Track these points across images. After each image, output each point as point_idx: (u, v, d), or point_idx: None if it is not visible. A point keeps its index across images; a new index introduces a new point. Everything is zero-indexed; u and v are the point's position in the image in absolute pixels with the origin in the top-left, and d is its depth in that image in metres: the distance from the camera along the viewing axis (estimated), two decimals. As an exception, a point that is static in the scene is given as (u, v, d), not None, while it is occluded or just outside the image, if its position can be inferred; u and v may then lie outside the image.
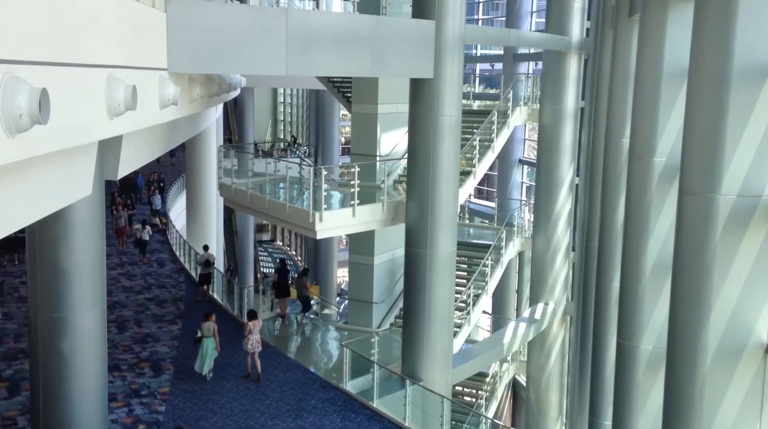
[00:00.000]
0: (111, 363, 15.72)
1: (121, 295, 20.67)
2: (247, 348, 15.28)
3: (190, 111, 13.82)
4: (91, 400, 10.96)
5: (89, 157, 10.02)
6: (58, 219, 10.38)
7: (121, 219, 26.02)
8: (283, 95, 54.96)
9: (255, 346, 15.21)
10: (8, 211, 7.92)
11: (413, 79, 15.54)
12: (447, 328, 15.95)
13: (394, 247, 19.46)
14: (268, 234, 58.79)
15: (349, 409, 14.31)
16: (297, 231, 24.38)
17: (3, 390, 14.36)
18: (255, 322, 15.35)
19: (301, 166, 19.30)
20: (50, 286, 10.54)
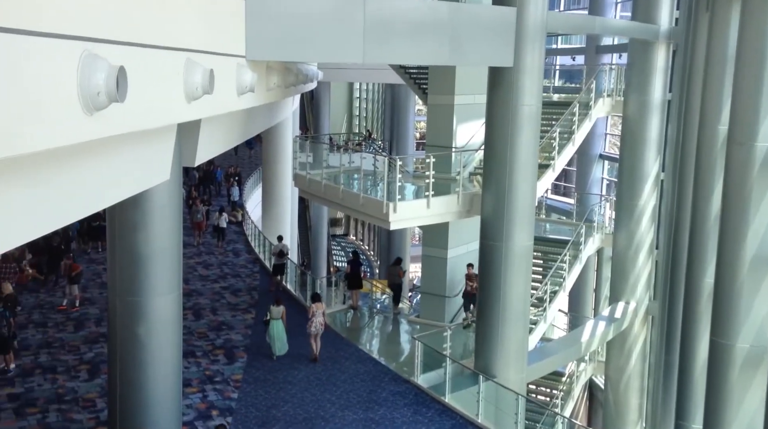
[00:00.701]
0: (186, 349, 15.97)
1: (197, 284, 21.01)
2: (310, 330, 15.68)
3: (267, 100, 13.83)
4: (166, 384, 11.05)
5: (167, 142, 10.09)
6: (137, 205, 10.51)
7: (198, 213, 25.48)
8: (359, 90, 55.15)
9: (318, 328, 15.63)
10: (88, 192, 8.01)
11: (492, 68, 15.16)
12: (522, 324, 15.52)
13: (468, 241, 19.10)
14: (341, 228, 59.15)
15: (421, 403, 14.08)
16: (370, 221, 24.29)
17: (84, 372, 14.75)
18: (318, 305, 15.77)
19: (375, 159, 19.18)
20: (128, 270, 10.66)
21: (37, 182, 6.65)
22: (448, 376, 14.31)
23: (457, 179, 16.99)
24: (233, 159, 41.83)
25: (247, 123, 15.79)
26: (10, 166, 6.08)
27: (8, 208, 6.27)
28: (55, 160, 6.86)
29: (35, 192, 6.64)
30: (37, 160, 6.51)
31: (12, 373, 14.42)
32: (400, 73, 21.58)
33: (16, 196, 6.33)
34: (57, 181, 7.07)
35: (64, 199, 7.35)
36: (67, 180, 7.30)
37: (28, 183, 6.49)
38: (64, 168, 7.14)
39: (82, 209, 8.17)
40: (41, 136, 5.26)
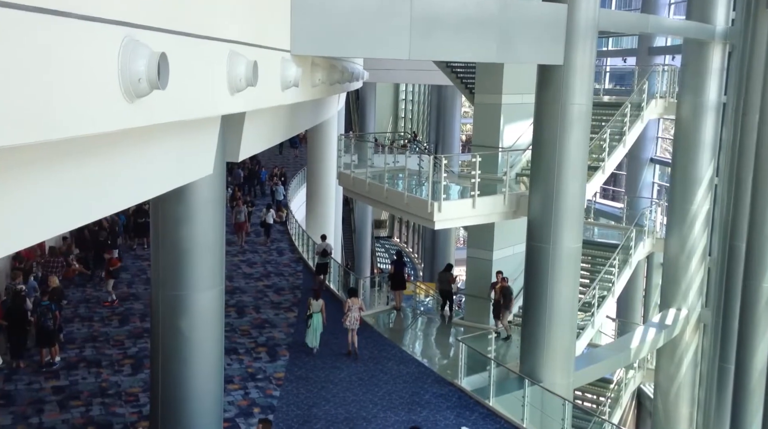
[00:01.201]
0: (229, 346, 16.00)
1: (241, 281, 21.06)
2: (346, 324, 15.78)
3: (312, 96, 13.75)
4: (207, 379, 10.99)
5: (211, 135, 10.04)
6: (180, 199, 10.49)
7: (241, 214, 24.86)
8: (404, 92, 54.98)
9: (354, 323, 15.70)
10: (131, 183, 7.96)
11: (541, 66, 14.82)
12: (569, 328, 15.12)
13: (514, 243, 18.74)
14: (385, 230, 59.03)
15: (464, 406, 13.80)
16: (415, 221, 24.08)
17: (128, 367, 14.84)
18: (354, 300, 15.86)
19: (420, 159, 18.95)
20: (171, 264, 10.64)
21: (79, 170, 6.61)
22: (493, 379, 14.00)
23: (503, 180, 16.67)
24: (279, 159, 42.06)
25: (292, 119, 15.73)
26: (52, 152, 6.04)
27: (50, 196, 6.23)
28: (98, 148, 6.82)
29: (78, 180, 6.59)
30: (80, 148, 6.47)
31: (57, 366, 14.58)
32: (446, 72, 21.33)
33: (58, 183, 6.28)
34: (99, 170, 7.02)
35: (106, 189, 7.31)
36: (110, 169, 7.26)
37: (71, 171, 6.45)
38: (106, 157, 7.09)
39: (125, 200, 8.13)
40: (82, 121, 5.18)
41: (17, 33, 4.20)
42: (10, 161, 5.37)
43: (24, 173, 5.62)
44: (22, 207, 5.73)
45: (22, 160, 5.53)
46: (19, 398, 13.23)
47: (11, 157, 5.36)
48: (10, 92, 4.24)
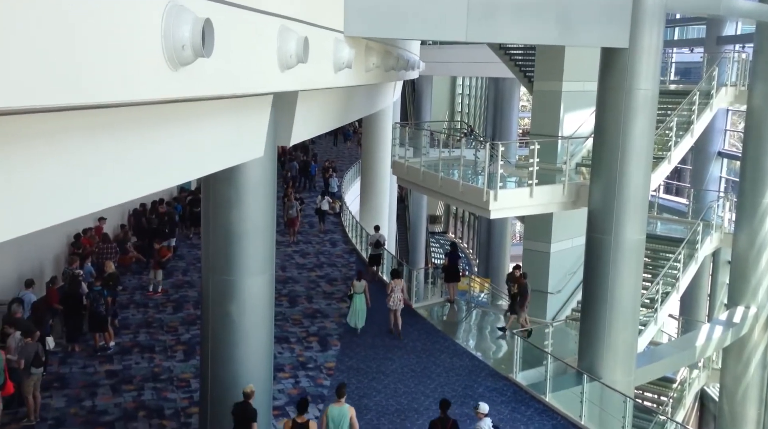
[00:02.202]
0: (281, 335, 15.92)
1: (294, 272, 20.98)
2: (389, 304, 16.11)
3: (366, 80, 13.46)
4: (257, 365, 10.85)
5: (262, 116, 9.84)
6: (231, 182, 10.34)
7: (293, 209, 24.08)
8: (461, 86, 54.35)
9: (397, 303, 16.03)
10: (181, 160, 7.81)
11: (605, 50, 14.22)
12: (631, 324, 14.50)
13: (573, 235, 18.13)
14: (440, 225, 58.53)
15: (519, 401, 13.36)
16: (470, 210, 23.59)
17: (180, 353, 14.85)
18: (397, 281, 16.27)
19: (476, 149, 18.51)
20: (221, 248, 10.52)
21: (126, 144, 6.45)
22: (550, 374, 13.50)
23: (562, 169, 16.10)
24: (333, 151, 42.11)
25: (345, 106, 15.49)
26: (97, 124, 5.88)
27: (95, 169, 6.08)
28: (146, 121, 6.65)
29: (124, 154, 6.44)
30: (127, 120, 6.31)
31: (111, 351, 14.68)
32: (504, 60, 20.80)
33: (104, 156, 6.13)
34: (147, 145, 6.86)
35: (155, 165, 7.15)
36: (159, 145, 7.09)
37: (116, 144, 6.29)
38: (155, 131, 6.93)
39: (174, 177, 7.99)
40: (124, 86, 4.98)
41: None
42: (52, 128, 5.22)
43: (65, 144, 5.47)
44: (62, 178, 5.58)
45: (64, 128, 5.38)
46: (73, 381, 13.35)
47: (54, 123, 5.21)
48: (49, 50, 4.06)
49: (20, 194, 5.10)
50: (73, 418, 11.99)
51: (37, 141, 5.13)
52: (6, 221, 5.09)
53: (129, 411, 12.37)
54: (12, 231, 5.18)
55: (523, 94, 48.40)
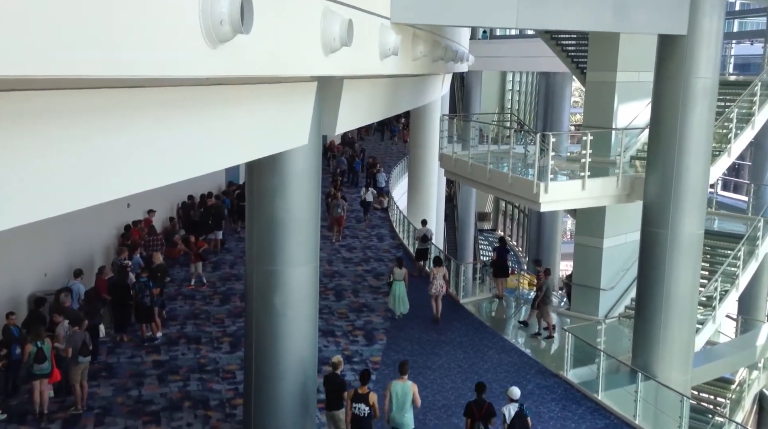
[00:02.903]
0: (326, 328, 15.80)
1: (340, 266, 20.86)
2: (431, 291, 16.47)
3: (413, 70, 13.22)
4: (301, 356, 10.69)
5: (306, 103, 9.67)
6: (275, 170, 10.20)
7: (339, 208, 23.31)
8: (511, 82, 53.62)
9: (438, 290, 16.39)
10: (224, 144, 7.68)
11: (662, 37, 13.69)
12: (688, 321, 13.94)
13: (627, 231, 17.56)
14: (489, 223, 57.86)
15: (570, 398, 12.95)
16: (519, 203, 23.15)
17: (226, 345, 14.84)
18: (439, 269, 16.66)
19: (526, 142, 18.08)
20: (266, 238, 10.39)
21: (168, 127, 6.33)
22: (602, 372, 13.05)
23: (616, 162, 15.58)
24: (380, 147, 42.00)
25: (392, 96, 15.24)
26: (138, 104, 5.76)
27: (137, 151, 5.97)
28: (187, 103, 6.52)
29: (167, 137, 6.32)
30: (167, 101, 6.19)
31: (159, 341, 14.75)
32: (555, 51, 20.26)
33: (146, 138, 6.02)
34: (189, 128, 6.74)
35: (196, 148, 7.04)
36: (200, 128, 6.97)
37: (159, 126, 6.18)
38: (196, 115, 6.80)
39: (216, 162, 7.87)
40: (161, 61, 4.82)
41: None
42: (89, 106, 5.11)
43: (104, 123, 5.37)
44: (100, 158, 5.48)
45: (103, 106, 5.27)
46: (121, 371, 13.44)
47: (90, 101, 5.10)
48: (87, 20, 3.93)
49: (62, 173, 5.01)
50: (119, 408, 12.05)
51: (78, 119, 5.03)
52: (46, 201, 5.00)
53: (174, 401, 12.37)
54: (51, 210, 5.09)
55: (575, 89, 47.51)
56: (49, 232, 15.23)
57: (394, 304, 16.58)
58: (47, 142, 4.76)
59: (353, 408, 10.14)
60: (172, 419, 11.75)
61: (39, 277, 14.94)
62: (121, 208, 18.61)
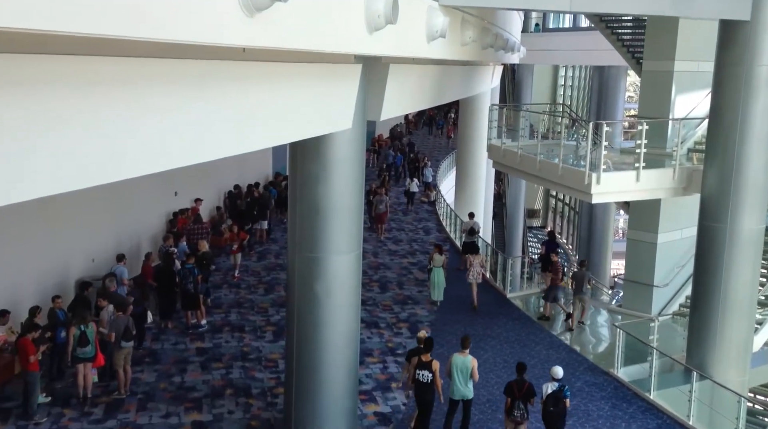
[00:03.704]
0: (370, 320, 15.61)
1: (386, 258, 20.66)
2: (468, 279, 16.63)
3: (461, 56, 12.91)
4: (343, 346, 10.49)
5: (350, 86, 9.45)
6: (318, 156, 9.99)
7: (381, 204, 22.36)
8: (563, 77, 52.63)
9: (476, 277, 16.57)
10: (265, 124, 7.51)
11: (723, 22, 13.07)
12: (746, 320, 13.33)
13: (682, 225, 16.91)
14: (538, 220, 56.98)
15: (620, 397, 12.49)
16: (570, 194, 22.53)
17: (269, 333, 14.77)
18: (476, 256, 16.93)
19: (577, 133, 17.53)
20: (307, 225, 10.19)
21: (209, 101, 6.17)
22: (655, 370, 12.54)
23: (672, 154, 14.97)
24: (429, 142, 41.70)
25: (440, 84, 14.97)
26: (180, 75, 5.61)
27: (178, 125, 5.83)
28: (229, 78, 6.36)
29: (203, 110, 6.17)
30: (208, 74, 6.02)
31: (203, 329, 14.75)
32: (610, 40, 19.67)
33: (182, 112, 5.88)
34: (231, 104, 6.58)
35: (237, 126, 6.87)
36: (243, 105, 6.81)
37: (197, 99, 6.03)
38: (238, 91, 6.64)
39: (256, 140, 7.71)
40: (193, 27, 4.64)
41: None
42: (128, 74, 4.98)
43: (144, 94, 5.23)
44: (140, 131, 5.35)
45: (142, 75, 5.13)
46: (165, 357, 13.46)
47: (127, 69, 4.96)
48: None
49: (91, 146, 4.88)
50: (161, 393, 12.05)
51: (115, 88, 4.89)
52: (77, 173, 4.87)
53: (217, 388, 12.33)
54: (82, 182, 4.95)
55: (630, 84, 46.35)
56: (98, 219, 15.40)
57: (433, 291, 16.71)
58: (80, 112, 4.63)
59: (417, 374, 10.73)
60: (213, 406, 11.69)
61: (87, 262, 15.10)
62: (168, 196, 18.74)
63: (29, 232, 13.27)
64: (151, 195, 17.80)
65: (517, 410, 10.23)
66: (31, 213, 13.27)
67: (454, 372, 10.83)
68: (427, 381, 10.65)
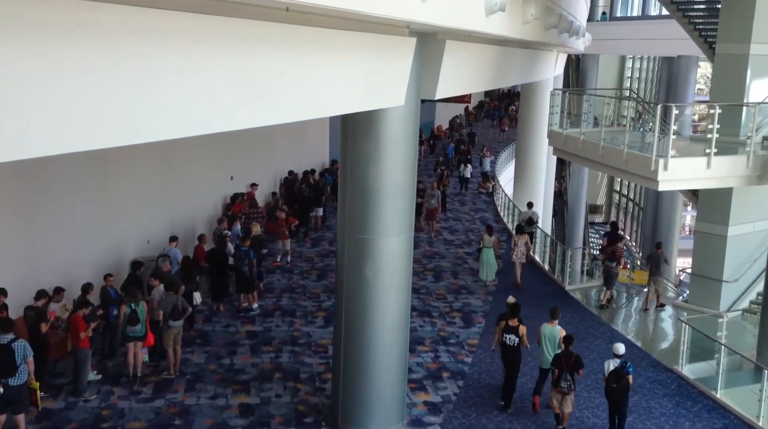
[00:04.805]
0: (423, 308, 15.29)
1: (441, 247, 20.28)
2: (512, 258, 16.97)
3: (522, 34, 12.39)
4: (391, 330, 10.18)
5: (404, 60, 9.09)
6: (370, 135, 9.68)
7: (433, 198, 21.11)
8: (630, 69, 51.08)
9: (520, 256, 16.77)
10: (315, 93, 7.24)
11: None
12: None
13: (755, 218, 16.00)
14: (601, 216, 55.56)
15: (685, 395, 11.83)
16: (635, 181, 21.68)
17: (320, 319, 14.58)
18: (521, 237, 17.04)
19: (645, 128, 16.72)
20: (358, 206, 9.91)
21: (251, 60, 5.92)
22: (722, 368, 11.83)
23: (746, 142, 14.11)
24: (489, 133, 41.01)
25: (499, 66, 14.46)
26: (215, 37, 5.37)
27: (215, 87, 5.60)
28: (274, 38, 6.09)
29: (249, 70, 5.92)
30: (254, 35, 5.77)
31: (255, 313, 14.65)
32: (682, 23, 18.76)
33: (219, 76, 5.64)
34: (274, 66, 6.32)
35: (286, 93, 6.61)
36: (287, 69, 6.54)
37: (242, 60, 5.78)
38: (283, 54, 6.37)
39: (306, 111, 7.46)
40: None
41: None
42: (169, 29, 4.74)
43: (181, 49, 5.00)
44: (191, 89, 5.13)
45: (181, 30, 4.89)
46: (215, 339, 13.40)
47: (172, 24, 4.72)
48: None
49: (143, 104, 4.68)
50: (210, 375, 11.97)
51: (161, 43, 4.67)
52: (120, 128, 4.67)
53: (265, 371, 12.18)
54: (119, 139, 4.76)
55: (700, 76, 44.69)
56: (154, 202, 15.47)
57: (482, 270, 16.98)
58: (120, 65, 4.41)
59: (504, 337, 11.23)
60: (261, 389, 11.55)
61: (142, 243, 15.17)
62: (224, 181, 18.76)
63: (87, 213, 13.37)
64: (208, 179, 17.84)
65: (564, 381, 10.40)
66: (90, 194, 13.37)
67: (543, 341, 11.24)
68: (513, 344, 11.16)
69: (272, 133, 21.14)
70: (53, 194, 12.54)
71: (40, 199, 12.27)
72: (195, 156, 16.82)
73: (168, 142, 15.76)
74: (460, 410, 11.17)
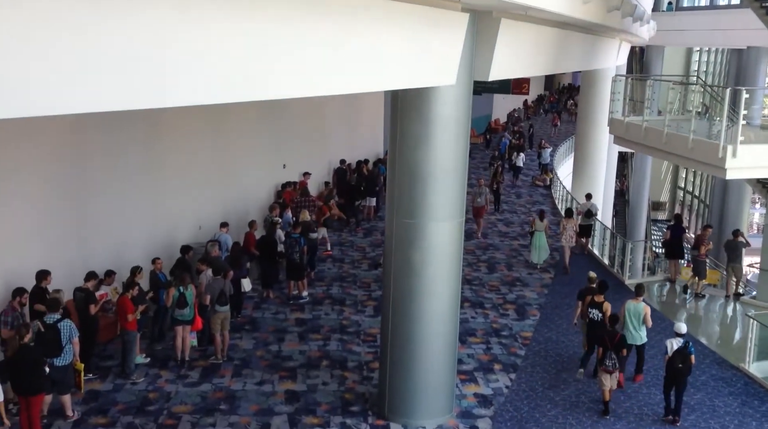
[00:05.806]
0: (475, 300, 14.96)
1: (496, 239, 19.84)
2: (562, 242, 17.09)
3: (582, 14, 11.87)
4: (440, 319, 9.86)
5: (456, 36, 8.75)
6: (420, 116, 9.35)
7: (481, 196, 19.79)
8: (697, 62, 49.36)
9: (569, 241, 16.92)
10: (363, 67, 6.99)
11: None
12: None
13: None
14: (664, 213, 53.94)
15: (751, 394, 11.18)
16: (701, 170, 20.77)
17: (370, 308, 14.37)
18: (569, 220, 17.28)
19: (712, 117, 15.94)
20: (406, 189, 9.59)
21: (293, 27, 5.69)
22: (793, 367, 11.15)
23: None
24: (548, 127, 40.19)
25: (558, 50, 13.95)
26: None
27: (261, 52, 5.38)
28: (314, 6, 5.87)
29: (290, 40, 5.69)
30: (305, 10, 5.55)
31: (304, 300, 14.51)
32: (759, 14, 17.81)
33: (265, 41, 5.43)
34: (313, 36, 6.07)
35: (334, 65, 6.38)
36: (326, 40, 6.30)
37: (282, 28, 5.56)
38: (324, 26, 6.14)
39: (354, 84, 7.24)
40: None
41: None
42: None
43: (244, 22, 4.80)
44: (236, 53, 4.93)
45: None
46: (264, 326, 13.32)
47: None
48: None
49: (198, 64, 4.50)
50: (258, 361, 11.86)
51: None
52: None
53: (313, 359, 12.02)
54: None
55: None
56: (207, 189, 15.48)
57: (534, 253, 17.15)
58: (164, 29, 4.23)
59: (589, 312, 11.71)
60: (308, 377, 11.38)
61: (194, 229, 15.19)
62: (276, 169, 18.70)
63: (139, 198, 13.43)
64: (260, 167, 17.81)
65: (609, 360, 10.37)
66: (143, 179, 13.42)
67: (627, 318, 11.37)
68: (597, 319, 11.53)
69: (326, 122, 21.02)
70: (107, 180, 12.61)
71: (94, 185, 12.35)
72: (249, 144, 16.79)
73: (222, 130, 15.80)
74: (511, 403, 10.77)
